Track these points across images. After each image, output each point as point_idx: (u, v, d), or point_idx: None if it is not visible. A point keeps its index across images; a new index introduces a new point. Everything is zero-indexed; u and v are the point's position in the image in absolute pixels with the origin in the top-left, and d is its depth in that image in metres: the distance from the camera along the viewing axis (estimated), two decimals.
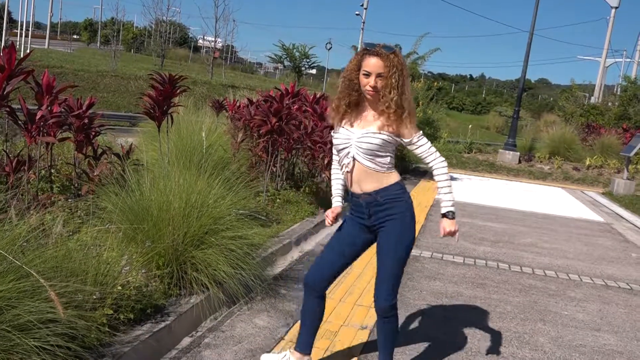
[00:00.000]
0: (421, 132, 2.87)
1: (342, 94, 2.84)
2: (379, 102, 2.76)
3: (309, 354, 3.07)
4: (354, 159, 2.81)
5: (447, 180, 2.90)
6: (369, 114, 2.84)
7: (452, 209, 2.87)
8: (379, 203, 2.83)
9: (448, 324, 4.10)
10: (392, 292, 2.84)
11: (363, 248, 2.99)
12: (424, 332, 3.90)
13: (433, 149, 2.89)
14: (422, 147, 2.86)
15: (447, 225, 2.86)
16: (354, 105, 2.84)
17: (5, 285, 2.31)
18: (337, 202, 3.05)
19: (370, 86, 2.72)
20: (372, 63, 2.70)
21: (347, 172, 2.85)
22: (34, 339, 2.29)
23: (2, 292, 2.28)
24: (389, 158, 2.84)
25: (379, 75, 2.70)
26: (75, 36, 67.09)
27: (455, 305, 4.52)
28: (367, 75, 2.72)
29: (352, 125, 2.85)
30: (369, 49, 2.73)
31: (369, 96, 2.77)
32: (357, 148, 2.80)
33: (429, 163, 2.90)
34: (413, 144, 2.84)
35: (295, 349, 3.06)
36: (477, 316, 4.32)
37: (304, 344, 3.05)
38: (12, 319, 2.28)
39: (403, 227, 2.85)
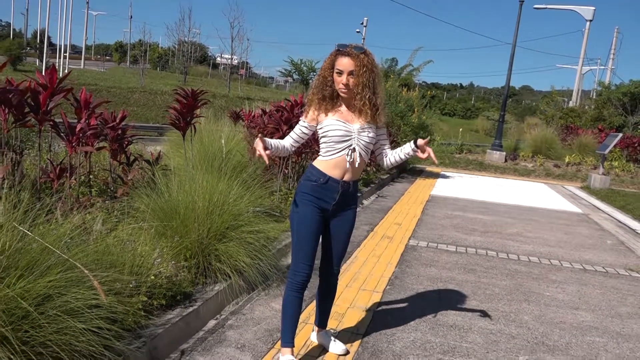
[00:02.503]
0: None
1: (316, 89, 2.79)
2: (352, 99, 2.73)
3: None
4: (360, 154, 2.79)
5: None
6: (346, 110, 2.79)
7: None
8: (350, 192, 2.87)
9: (442, 304, 4.13)
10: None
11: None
12: (421, 312, 3.93)
13: None
14: (385, 136, 2.97)
15: (422, 140, 2.82)
16: (329, 98, 2.78)
17: (54, 276, 2.37)
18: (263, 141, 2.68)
19: (342, 84, 2.68)
20: (344, 62, 2.66)
21: (349, 162, 2.77)
22: (81, 321, 2.35)
23: (52, 282, 2.34)
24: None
25: (350, 74, 2.66)
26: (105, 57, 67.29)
27: (449, 288, 4.55)
28: (340, 73, 2.68)
29: (342, 119, 2.76)
30: (341, 50, 2.69)
31: (342, 94, 2.73)
32: (359, 141, 2.77)
33: (386, 148, 2.97)
34: (381, 134, 2.93)
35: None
36: (468, 298, 4.35)
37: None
38: (62, 305, 2.34)
39: (356, 215, 2.99)
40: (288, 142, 2.90)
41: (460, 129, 22.66)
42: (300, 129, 2.88)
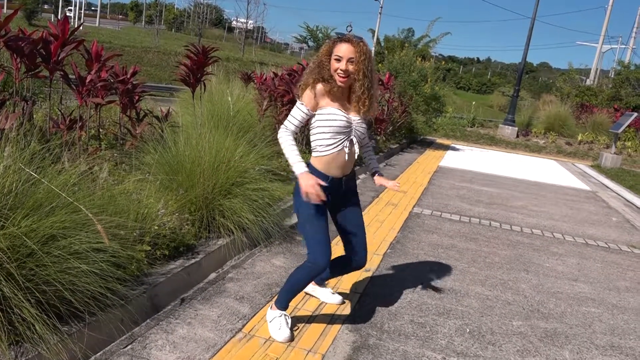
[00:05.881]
0: None
1: (312, 73, 2.70)
2: (349, 87, 2.69)
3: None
4: (356, 146, 2.77)
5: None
6: (344, 100, 2.74)
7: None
8: (352, 181, 2.94)
9: (441, 269, 4.17)
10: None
11: None
12: (419, 275, 3.98)
13: None
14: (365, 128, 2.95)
15: (383, 180, 2.97)
16: (326, 82, 2.68)
17: (61, 217, 2.42)
18: (304, 167, 2.68)
19: (341, 69, 2.61)
20: (344, 49, 2.60)
21: (348, 154, 2.74)
22: (85, 263, 2.41)
23: (57, 223, 2.39)
24: None
25: (349, 60, 2.60)
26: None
27: (449, 254, 4.58)
28: (339, 60, 2.61)
29: (342, 109, 2.71)
30: (341, 37, 2.65)
31: (340, 81, 2.65)
32: (356, 132, 2.75)
33: (366, 143, 3.02)
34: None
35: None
36: (467, 264, 4.38)
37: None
38: (66, 246, 2.40)
39: (359, 198, 3.04)
40: (294, 131, 2.74)
41: (474, 103, 22.43)
42: (301, 115, 2.71)
